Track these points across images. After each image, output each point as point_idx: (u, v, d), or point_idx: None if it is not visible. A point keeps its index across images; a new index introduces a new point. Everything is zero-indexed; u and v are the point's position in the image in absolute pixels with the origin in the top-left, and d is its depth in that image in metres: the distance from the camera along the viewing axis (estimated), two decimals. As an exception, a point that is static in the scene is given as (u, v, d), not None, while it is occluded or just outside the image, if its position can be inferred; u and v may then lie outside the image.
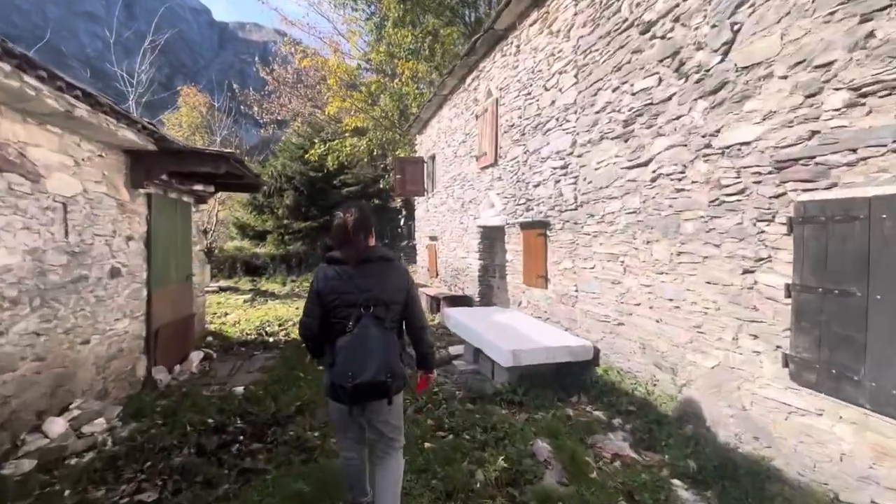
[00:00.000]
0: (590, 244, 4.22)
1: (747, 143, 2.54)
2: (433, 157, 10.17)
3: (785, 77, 2.33)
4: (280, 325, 8.12)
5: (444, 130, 9.06)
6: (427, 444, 3.12)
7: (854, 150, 2.02)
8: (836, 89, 2.08)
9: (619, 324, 3.79)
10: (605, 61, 3.95)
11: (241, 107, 17.24)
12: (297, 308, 9.77)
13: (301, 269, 20.12)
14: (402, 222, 24.44)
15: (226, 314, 9.01)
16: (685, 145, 2.97)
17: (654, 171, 3.29)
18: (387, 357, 1.86)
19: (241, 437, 3.45)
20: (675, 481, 2.61)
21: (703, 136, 2.83)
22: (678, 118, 3.03)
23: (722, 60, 2.70)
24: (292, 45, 16.73)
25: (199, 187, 5.78)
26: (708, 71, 2.79)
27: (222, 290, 11.30)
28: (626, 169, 3.65)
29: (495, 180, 6.58)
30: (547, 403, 3.79)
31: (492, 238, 7.42)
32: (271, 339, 7.14)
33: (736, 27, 2.60)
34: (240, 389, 4.63)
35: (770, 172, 2.42)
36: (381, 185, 15.79)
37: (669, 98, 3.12)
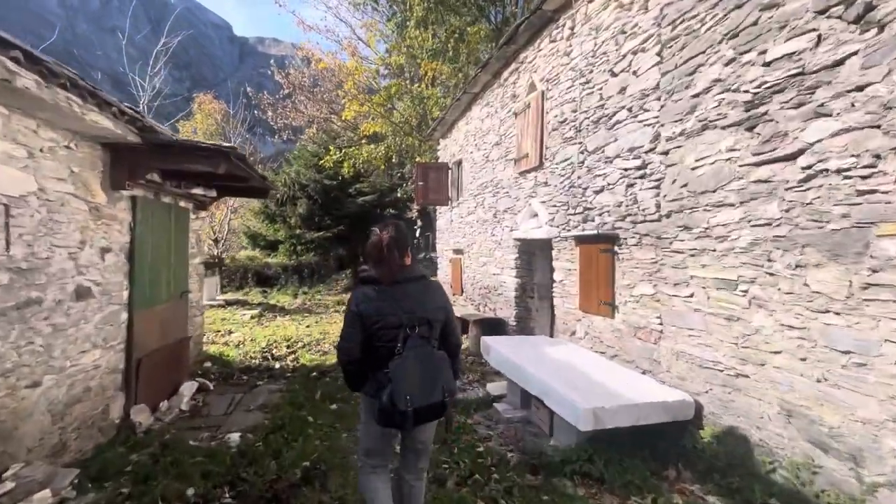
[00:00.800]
0: (683, 265, 3.26)
1: None
2: (459, 163, 9.33)
3: None
4: (289, 347, 7.26)
5: (472, 133, 8.21)
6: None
7: None
8: None
9: (738, 375, 2.80)
10: (711, 28, 3.03)
11: (256, 112, 16.73)
12: (307, 326, 8.91)
13: (313, 281, 19.36)
14: (417, 233, 23.72)
15: (230, 332, 8.19)
16: (876, 126, 2.02)
17: (807, 167, 2.34)
18: (442, 377, 1.85)
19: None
20: None
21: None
22: (861, 89, 2.09)
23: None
24: (309, 50, 16.26)
25: (198, 191, 4.99)
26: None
27: (228, 304, 10.54)
28: (750, 166, 2.70)
29: (539, 186, 5.67)
30: (638, 481, 2.80)
31: (530, 253, 6.49)
32: (277, 366, 6.27)
33: None
34: (235, 438, 3.75)
35: None
36: (399, 195, 15.03)
37: (841, 62, 2.18)
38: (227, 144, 3.77)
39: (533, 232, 5.85)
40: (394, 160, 13.23)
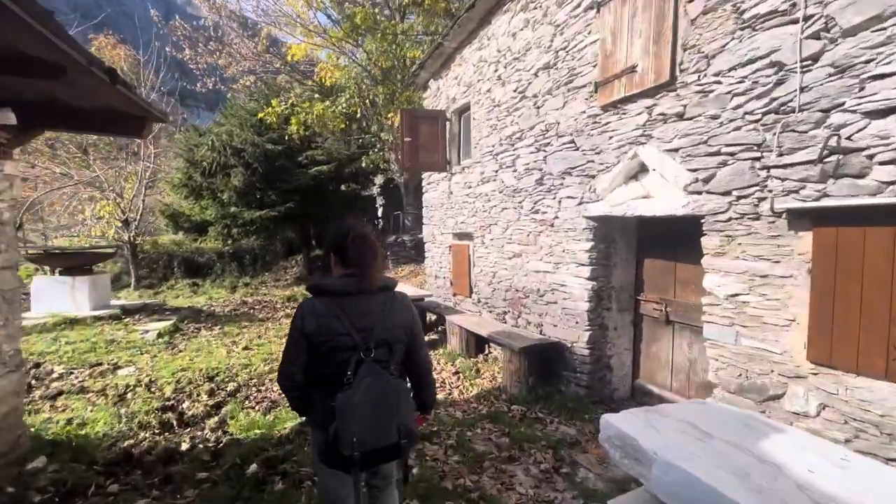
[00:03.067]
0: None
1: None
2: (463, 112, 6.66)
3: None
4: (211, 395, 4.42)
5: (492, 60, 5.56)
6: None
7: None
8: None
9: None
10: None
11: (174, 53, 12.79)
12: (244, 348, 5.99)
13: (256, 269, 15.94)
14: (379, 213, 20.61)
15: (114, 369, 5.15)
16: None
17: None
18: (399, 414, 1.52)
19: None
20: None
21: None
22: None
23: None
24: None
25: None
26: None
27: (127, 312, 7.29)
28: None
29: (660, 123, 3.21)
30: None
31: (609, 239, 4.08)
32: (186, 445, 3.49)
33: None
34: None
35: None
36: (363, 164, 12.05)
37: None
38: None
39: (641, 205, 3.41)
40: (358, 115, 10.19)
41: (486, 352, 5.77)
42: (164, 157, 15.39)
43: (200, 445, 3.55)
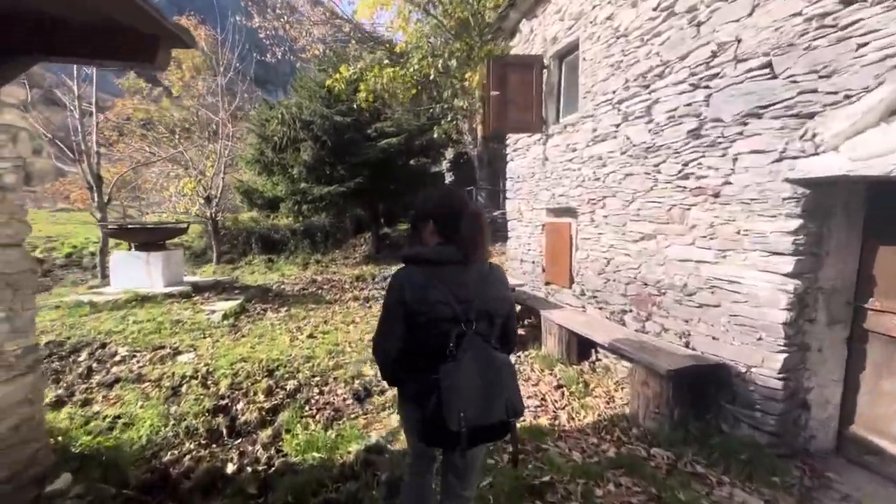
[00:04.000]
0: None
1: None
2: (565, 55, 5.31)
3: None
4: (269, 395, 3.72)
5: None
6: None
7: None
8: None
9: None
10: None
11: (239, 18, 12.53)
12: (309, 336, 5.32)
13: (327, 246, 15.87)
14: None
15: (175, 354, 4.72)
16: None
17: None
18: (507, 391, 1.44)
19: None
20: None
21: None
22: None
23: None
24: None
25: None
26: None
27: (198, 290, 7.05)
28: None
29: None
30: None
31: (825, 215, 2.64)
32: (236, 463, 2.78)
33: None
34: None
35: None
36: (435, 136, 11.03)
37: None
38: None
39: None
40: (431, 76, 9.08)
41: (594, 358, 4.57)
42: (241, 136, 15.61)
43: (249, 469, 2.83)
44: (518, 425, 2.24)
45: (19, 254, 2.35)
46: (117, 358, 4.65)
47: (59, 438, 2.81)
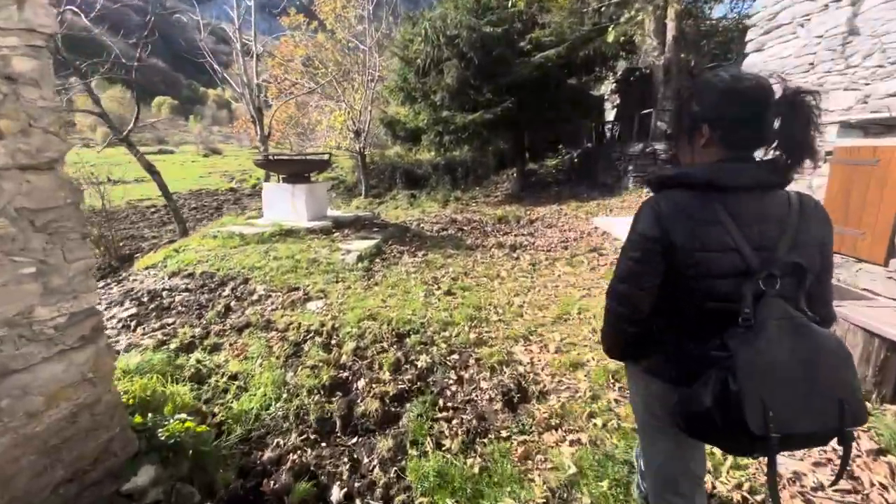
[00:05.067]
0: None
1: None
2: None
3: None
4: (396, 368, 2.80)
5: None
6: None
7: None
8: None
9: None
10: None
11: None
12: (447, 292, 4.29)
13: (468, 183, 14.98)
14: (611, 116, 16.31)
15: (305, 300, 4.23)
16: None
17: None
18: (843, 381, 0.89)
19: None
20: None
21: None
22: None
23: None
24: None
25: None
26: None
27: (338, 226, 6.71)
28: None
29: None
30: None
31: None
32: (343, 484, 1.90)
33: None
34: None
35: None
36: (610, 39, 8.43)
37: None
38: None
39: None
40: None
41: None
42: (387, 65, 15.08)
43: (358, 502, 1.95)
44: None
45: (51, 180, 1.61)
46: (255, 297, 4.38)
47: (170, 405, 2.29)
